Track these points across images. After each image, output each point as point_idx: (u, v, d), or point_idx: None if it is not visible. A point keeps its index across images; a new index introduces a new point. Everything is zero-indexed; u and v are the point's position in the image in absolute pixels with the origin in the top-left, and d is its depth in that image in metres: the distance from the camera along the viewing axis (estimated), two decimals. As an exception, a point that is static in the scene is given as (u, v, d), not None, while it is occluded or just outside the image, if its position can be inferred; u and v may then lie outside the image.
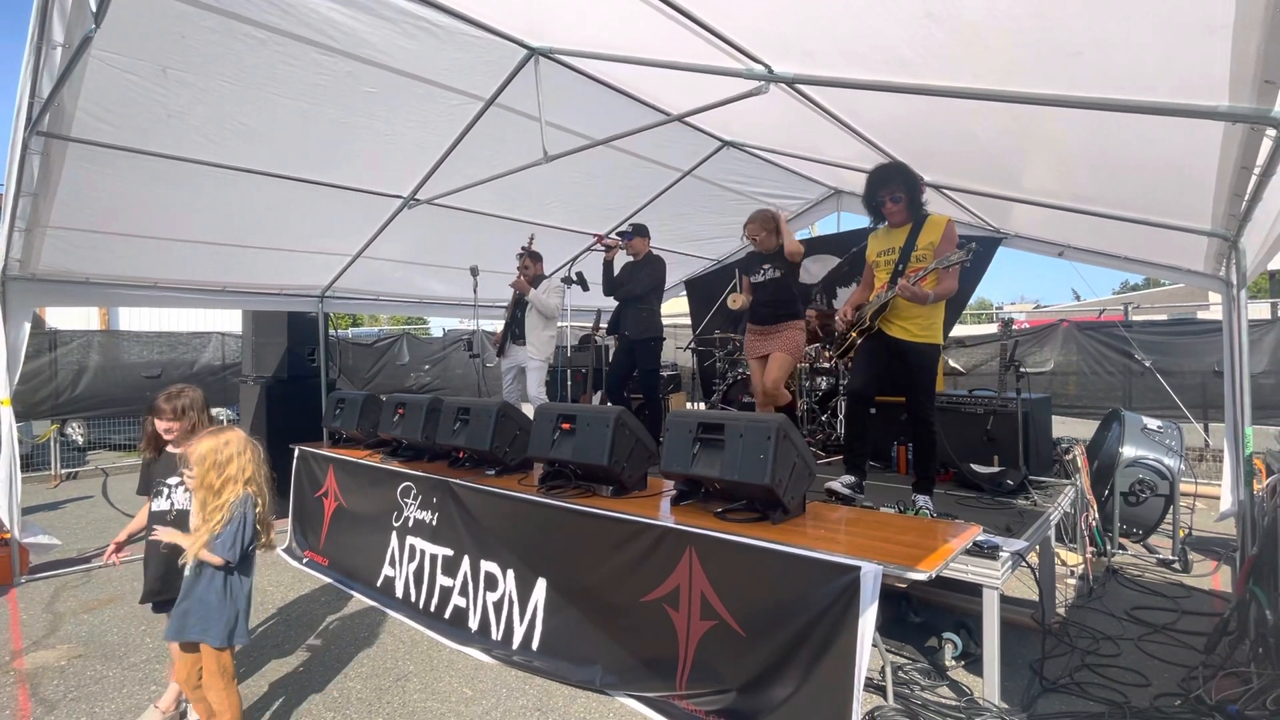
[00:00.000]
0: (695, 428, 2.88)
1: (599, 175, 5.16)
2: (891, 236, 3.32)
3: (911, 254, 3.20)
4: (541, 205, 5.44)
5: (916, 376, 3.21)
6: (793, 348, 4.07)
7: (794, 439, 2.74)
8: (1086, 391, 6.99)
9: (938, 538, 2.56)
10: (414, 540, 3.77)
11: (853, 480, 3.36)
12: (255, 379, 5.91)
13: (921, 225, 3.21)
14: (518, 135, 4.16)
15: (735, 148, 5.07)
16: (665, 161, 5.20)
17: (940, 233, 3.16)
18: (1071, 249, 4.93)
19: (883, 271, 3.33)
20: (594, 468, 3.20)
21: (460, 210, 5.09)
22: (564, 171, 4.79)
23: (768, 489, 2.65)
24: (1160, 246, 4.08)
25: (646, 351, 4.93)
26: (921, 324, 3.19)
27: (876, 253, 3.37)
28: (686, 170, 5.40)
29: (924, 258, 3.18)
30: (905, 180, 3.20)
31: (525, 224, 5.52)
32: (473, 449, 3.80)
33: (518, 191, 5.03)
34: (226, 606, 2.24)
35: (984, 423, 4.02)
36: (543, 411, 3.46)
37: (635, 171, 5.23)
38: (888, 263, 3.29)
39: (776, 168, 5.43)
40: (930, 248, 3.17)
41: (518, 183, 4.66)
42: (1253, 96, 1.97)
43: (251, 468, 2.29)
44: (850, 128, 3.71)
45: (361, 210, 4.79)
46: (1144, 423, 4.64)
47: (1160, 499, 4.40)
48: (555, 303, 5.10)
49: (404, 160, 4.35)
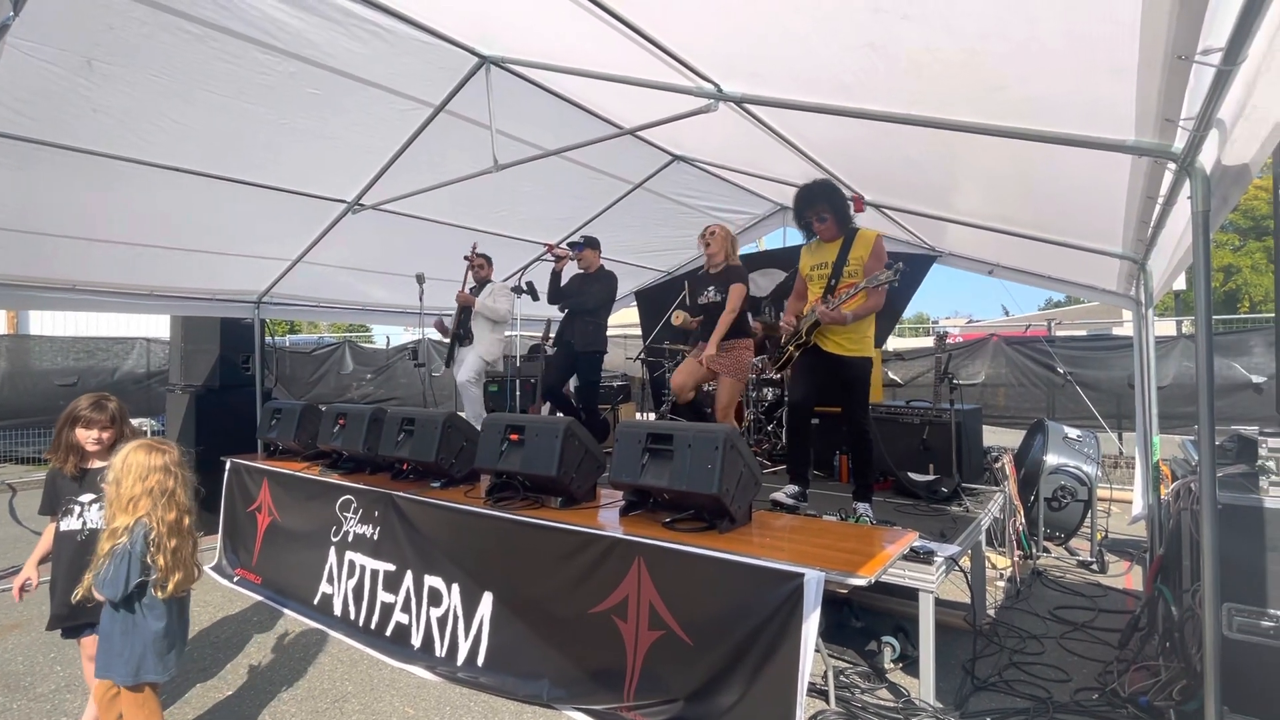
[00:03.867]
0: (644, 438, 2.90)
1: (550, 185, 5.16)
2: (823, 251, 3.42)
3: (843, 269, 3.30)
4: (491, 213, 5.40)
5: (851, 389, 3.33)
6: (739, 369, 4.11)
7: (741, 449, 2.79)
8: (1014, 402, 7.38)
9: (877, 544, 2.66)
10: (354, 556, 3.66)
11: (796, 490, 3.45)
12: (184, 387, 5.67)
13: (852, 240, 3.32)
14: (468, 143, 4.13)
15: (686, 162, 5.16)
16: (617, 173, 5.24)
17: (869, 248, 3.28)
18: (1001, 268, 5.21)
19: (816, 285, 3.43)
20: (543, 479, 3.18)
21: (407, 217, 5.01)
22: (515, 180, 4.76)
23: (715, 499, 2.69)
24: (1079, 267, 4.36)
25: (588, 364, 4.96)
26: (853, 338, 3.30)
27: (810, 266, 3.48)
28: (638, 183, 5.45)
29: (855, 272, 3.29)
30: (829, 200, 3.31)
31: (474, 232, 5.46)
32: (417, 461, 3.72)
33: (467, 199, 4.98)
34: (129, 643, 2.04)
35: (920, 432, 4.19)
36: (490, 422, 3.43)
37: (587, 182, 5.25)
38: (820, 276, 3.40)
39: (725, 183, 5.54)
40: (860, 262, 3.28)
41: (467, 190, 4.60)
42: (1155, 132, 2.15)
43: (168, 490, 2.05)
44: (796, 147, 3.83)
45: (302, 214, 4.65)
46: (1065, 432, 4.93)
47: (1080, 504, 4.67)
48: (505, 307, 5.05)
49: (348, 164, 4.26)
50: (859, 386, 3.33)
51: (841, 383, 3.35)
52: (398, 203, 4.60)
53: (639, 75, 3.04)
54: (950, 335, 9.48)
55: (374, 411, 4.14)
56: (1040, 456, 4.75)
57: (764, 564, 2.38)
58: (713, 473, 2.67)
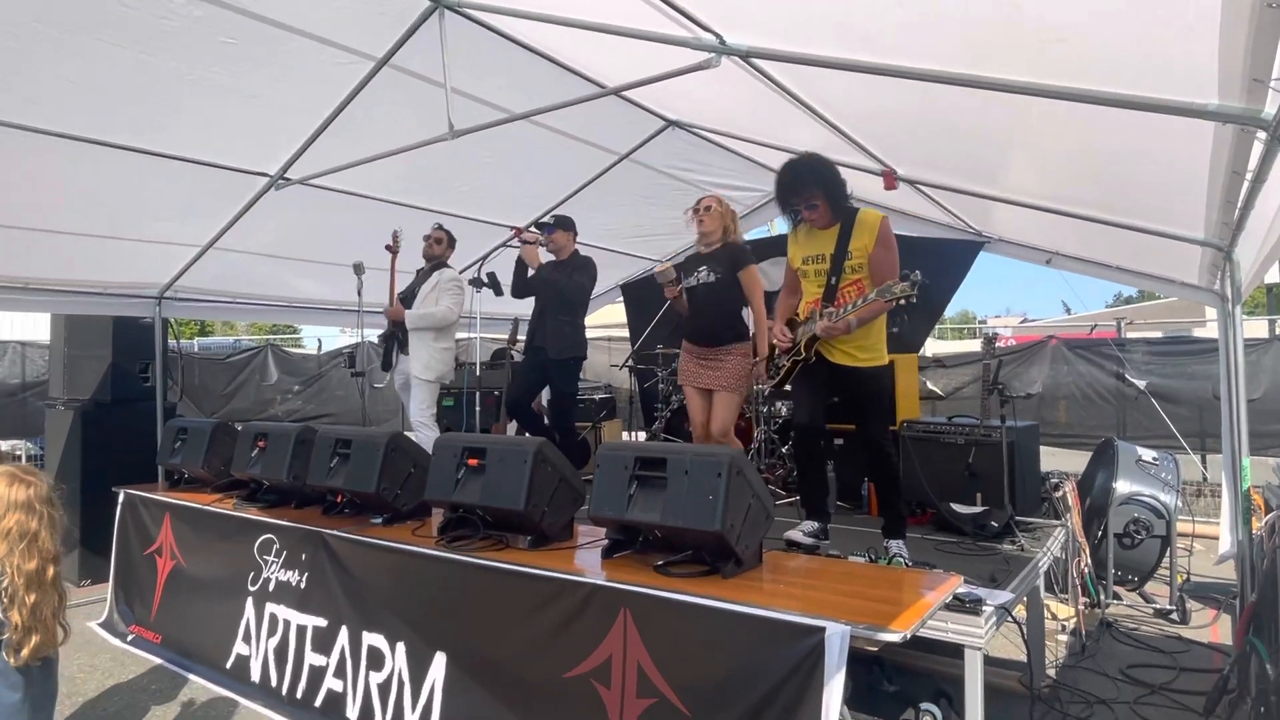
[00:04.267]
0: (632, 463, 2.89)
1: (518, 157, 5.15)
2: (817, 240, 3.38)
3: (844, 262, 3.27)
4: (446, 190, 5.39)
5: (867, 404, 3.34)
6: (739, 381, 4.07)
7: (749, 477, 2.79)
8: (1077, 418, 7.43)
9: (913, 591, 2.66)
10: (276, 608, 3.63)
11: (815, 526, 3.45)
12: (67, 402, 5.61)
13: (852, 225, 3.27)
14: (418, 104, 4.12)
15: (682, 129, 5.18)
16: (599, 142, 5.25)
17: (875, 235, 3.23)
18: (1060, 256, 5.26)
19: (812, 282, 3.40)
20: (508, 513, 3.17)
21: (343, 194, 4.99)
22: (475, 151, 4.75)
23: (718, 536, 2.68)
24: (1153, 256, 4.42)
25: (564, 373, 4.92)
26: (863, 345, 3.30)
27: (802, 258, 3.44)
28: (624, 153, 5.46)
29: (859, 266, 3.26)
30: (820, 180, 3.25)
31: (426, 213, 5.45)
32: (354, 491, 3.71)
33: (417, 173, 4.97)
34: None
35: (965, 455, 4.21)
36: (444, 444, 3.42)
37: (562, 153, 5.25)
38: (818, 273, 3.37)
39: (731, 154, 5.57)
40: (864, 253, 3.25)
41: (417, 163, 4.58)
42: (1241, 94, 2.17)
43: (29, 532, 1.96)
44: (815, 112, 3.86)
45: (215, 190, 4.62)
46: (1139, 454, 4.98)
47: (1156, 540, 4.71)
48: (447, 307, 4.96)
49: (272, 130, 4.23)
50: (877, 400, 3.34)
51: (855, 398, 3.36)
52: (332, 176, 4.59)
53: (625, 24, 3.05)
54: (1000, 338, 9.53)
55: (301, 431, 4.12)
56: (1109, 484, 4.79)
57: (777, 616, 2.38)
58: (715, 505, 2.67)
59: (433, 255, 5.19)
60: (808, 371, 3.40)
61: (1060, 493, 4.32)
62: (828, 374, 3.36)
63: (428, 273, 5.17)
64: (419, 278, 5.22)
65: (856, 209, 3.32)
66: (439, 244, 5.20)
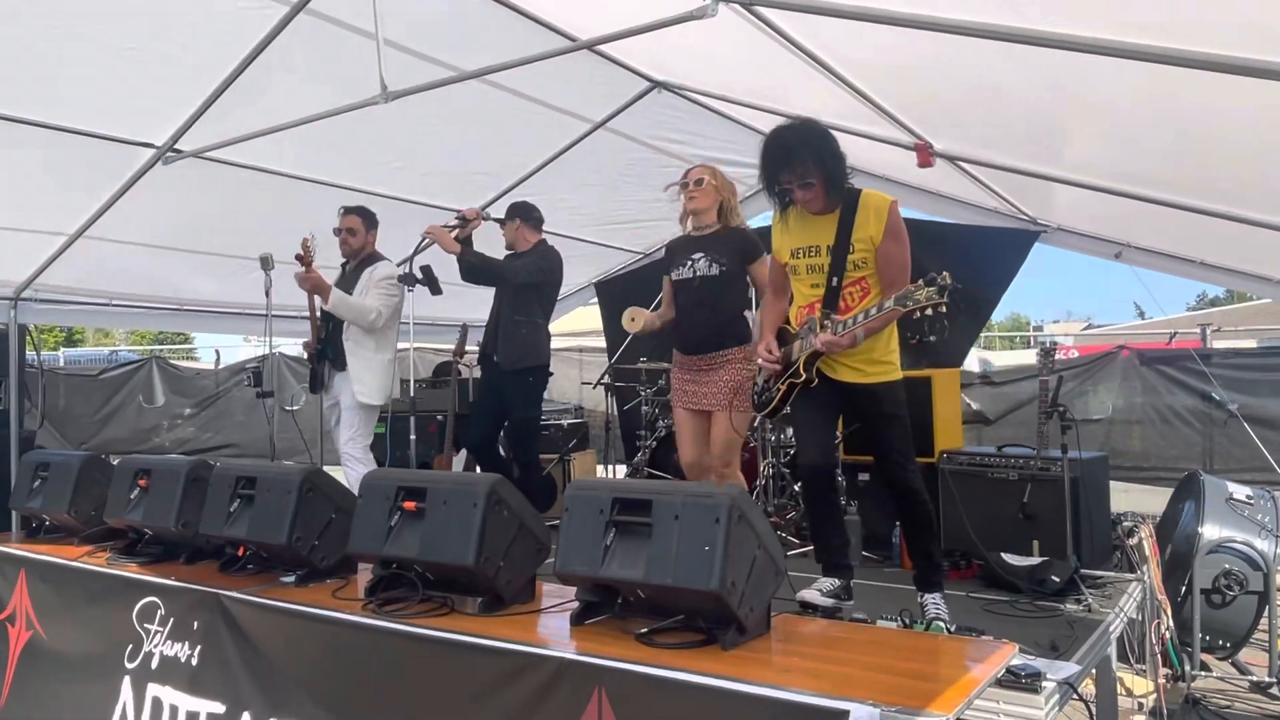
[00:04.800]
0: (609, 506, 2.87)
1: (468, 125, 5.16)
2: (811, 227, 3.33)
3: (846, 257, 3.22)
4: (378, 167, 5.39)
5: (883, 429, 3.33)
6: (741, 395, 3.98)
7: (754, 522, 2.78)
8: (1154, 446, 7.49)
9: (957, 663, 2.66)
10: (161, 690, 3.57)
11: (835, 585, 3.44)
12: (-106, 431, 5.50)
13: (854, 211, 3.22)
14: (342, 60, 4.12)
15: (671, 91, 5.21)
16: (568, 108, 5.27)
17: (884, 222, 3.19)
18: (1133, 249, 5.34)
19: (805, 281, 3.36)
20: (454, 569, 3.14)
21: (248, 169, 4.98)
22: (414, 118, 4.76)
23: (716, 598, 2.67)
24: (1246, 249, 4.50)
25: (522, 390, 4.89)
26: (870, 356, 3.29)
27: (791, 250, 3.39)
28: (599, 121, 5.49)
29: (864, 261, 3.22)
30: (816, 154, 3.18)
31: (351, 193, 5.45)
32: (260, 543, 3.67)
33: (341, 145, 4.96)
34: None
35: (1018, 493, 4.23)
36: (374, 484, 3.39)
37: (523, 121, 5.26)
38: (812, 268, 3.32)
39: (730, 122, 5.61)
40: (869, 245, 3.21)
41: (341, 132, 4.59)
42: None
43: None
44: (832, 72, 3.90)
45: (86, 164, 4.60)
46: (1230, 491, 5.02)
47: (1252, 597, 4.74)
48: (374, 309, 4.87)
49: (158, 91, 4.22)
50: (894, 424, 3.32)
51: (866, 422, 3.36)
52: (234, 148, 4.56)
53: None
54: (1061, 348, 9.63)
55: (194, 467, 4.07)
56: (1194, 528, 4.82)
57: (790, 696, 2.36)
58: (712, 558, 2.65)
59: (353, 250, 5.09)
60: (809, 397, 3.35)
61: (1135, 539, 4.34)
62: (835, 397, 3.34)
63: (355, 271, 5.10)
64: (343, 279, 5.16)
65: (858, 191, 3.27)
66: (354, 234, 5.04)
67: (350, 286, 5.02)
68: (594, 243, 7.21)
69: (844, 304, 3.25)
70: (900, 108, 4.19)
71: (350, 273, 5.15)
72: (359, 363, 4.91)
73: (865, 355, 3.28)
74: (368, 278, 4.98)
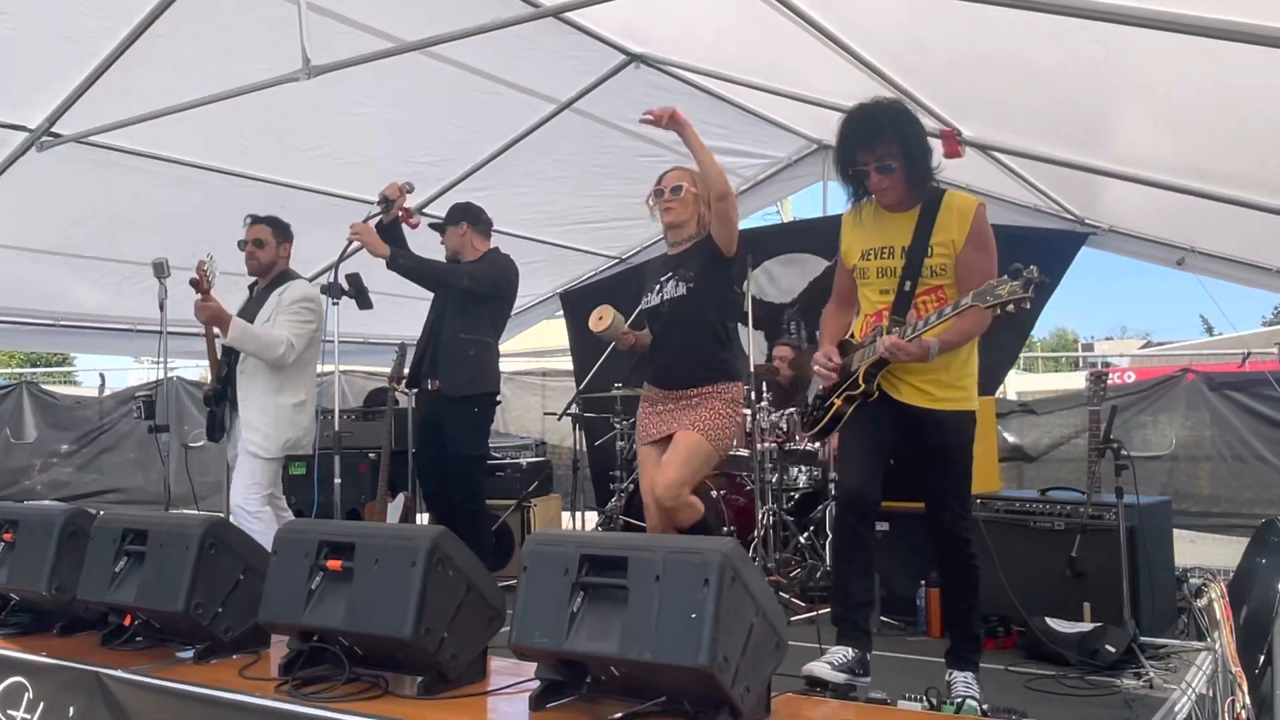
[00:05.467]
0: (576, 565, 2.85)
1: (408, 106, 5.17)
2: (886, 226, 3.43)
3: (923, 260, 3.32)
4: (299, 155, 5.38)
5: (944, 466, 3.37)
6: (713, 426, 3.97)
7: (750, 583, 2.76)
8: (1225, 489, 7.50)
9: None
10: (28, 793, 3.51)
11: (849, 656, 3.41)
12: None
13: (936, 211, 3.33)
14: (256, 28, 4.12)
15: (651, 66, 5.22)
16: (528, 85, 5.29)
17: (967, 225, 3.29)
18: (1197, 254, 5.39)
19: (874, 286, 3.45)
20: (388, 642, 3.10)
21: (140, 157, 4.97)
22: (343, 97, 4.76)
23: (705, 676, 2.65)
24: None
25: (464, 421, 4.86)
26: (943, 380, 3.34)
27: (862, 251, 3.48)
28: (565, 101, 5.50)
29: (943, 268, 3.31)
30: (901, 136, 3.29)
31: (267, 185, 5.44)
32: (152, 610, 3.60)
33: (255, 129, 4.95)
34: None
35: (1066, 546, 4.23)
36: (291, 538, 3.35)
37: (474, 101, 5.27)
38: (884, 271, 3.41)
39: (721, 103, 5.64)
40: (950, 250, 3.30)
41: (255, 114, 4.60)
42: None
43: None
44: (841, 45, 3.94)
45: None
46: (1316, 541, 5.06)
47: (1343, 669, 4.78)
48: (283, 340, 4.74)
49: (29, 63, 4.20)
50: (956, 462, 3.36)
51: (927, 456, 3.39)
52: (125, 132, 4.54)
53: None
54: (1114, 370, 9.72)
55: (71, 518, 4.00)
56: (1274, 585, 4.86)
57: (793, 795, 2.36)
58: (700, 629, 2.62)
59: (261, 266, 4.97)
60: (862, 414, 3.41)
61: (1204, 600, 4.36)
62: (892, 419, 3.38)
63: (263, 292, 4.98)
64: (250, 301, 5.03)
65: (943, 190, 3.38)
66: (262, 248, 4.92)
67: (256, 311, 4.92)
68: (559, 245, 7.22)
69: (917, 313, 3.31)
70: (923, 88, 4.23)
71: (258, 294, 5.02)
72: (253, 406, 4.81)
73: (936, 375, 3.32)
74: (276, 301, 4.87)
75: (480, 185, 5.87)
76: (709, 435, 3.95)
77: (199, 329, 5.08)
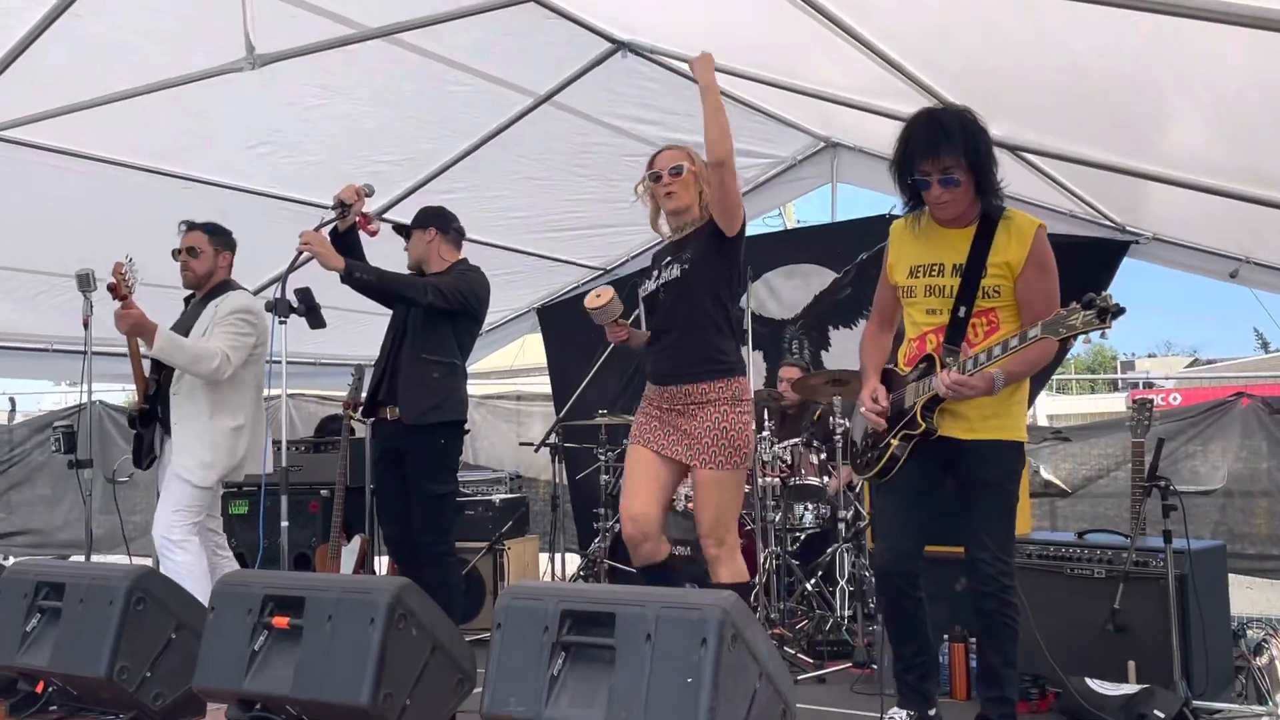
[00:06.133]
0: (556, 621, 2.82)
1: (367, 100, 5.17)
2: (939, 241, 3.46)
3: (979, 280, 3.35)
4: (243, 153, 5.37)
5: (980, 501, 3.38)
6: (725, 445, 3.91)
7: (753, 643, 2.72)
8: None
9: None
10: None
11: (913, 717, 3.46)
12: None
13: (994, 229, 3.38)
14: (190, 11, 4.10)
15: (639, 55, 5.21)
16: (502, 76, 5.27)
17: (1027, 246, 3.33)
18: (1251, 265, 5.38)
19: (921, 307, 3.48)
20: (342, 711, 3.05)
21: (59, 154, 4.96)
22: (294, 89, 4.76)
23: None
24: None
25: (429, 454, 4.81)
26: (988, 405, 3.36)
27: (911, 267, 3.52)
28: (544, 94, 5.49)
29: (998, 290, 3.34)
30: (971, 147, 3.32)
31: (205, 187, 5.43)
32: (70, 675, 3.57)
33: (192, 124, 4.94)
34: None
35: (1108, 597, 4.18)
36: (231, 591, 3.32)
37: (441, 93, 5.27)
38: (933, 290, 3.44)
39: (718, 98, 5.62)
40: (1008, 272, 3.34)
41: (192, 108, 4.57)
42: None
43: None
44: (851, 32, 3.92)
45: None
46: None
47: None
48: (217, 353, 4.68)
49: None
50: (996, 497, 3.37)
51: (963, 491, 3.40)
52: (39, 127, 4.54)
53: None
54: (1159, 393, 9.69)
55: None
56: (1342, 639, 4.82)
57: None
58: (696, 694, 2.57)
59: (196, 277, 4.93)
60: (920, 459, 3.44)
61: (1265, 658, 4.32)
62: (936, 458, 3.41)
63: (199, 305, 4.93)
64: (185, 315, 4.99)
65: (1003, 209, 3.42)
66: (197, 257, 4.87)
67: (191, 325, 4.87)
68: (536, 255, 7.21)
69: (971, 339, 3.35)
70: (944, 82, 4.21)
71: (193, 307, 4.98)
72: (187, 430, 4.74)
73: (979, 401, 3.32)
74: (213, 312, 4.83)
75: (448, 188, 5.84)
76: (726, 458, 3.91)
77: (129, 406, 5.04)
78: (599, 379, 7.20)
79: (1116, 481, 7.43)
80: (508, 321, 8.38)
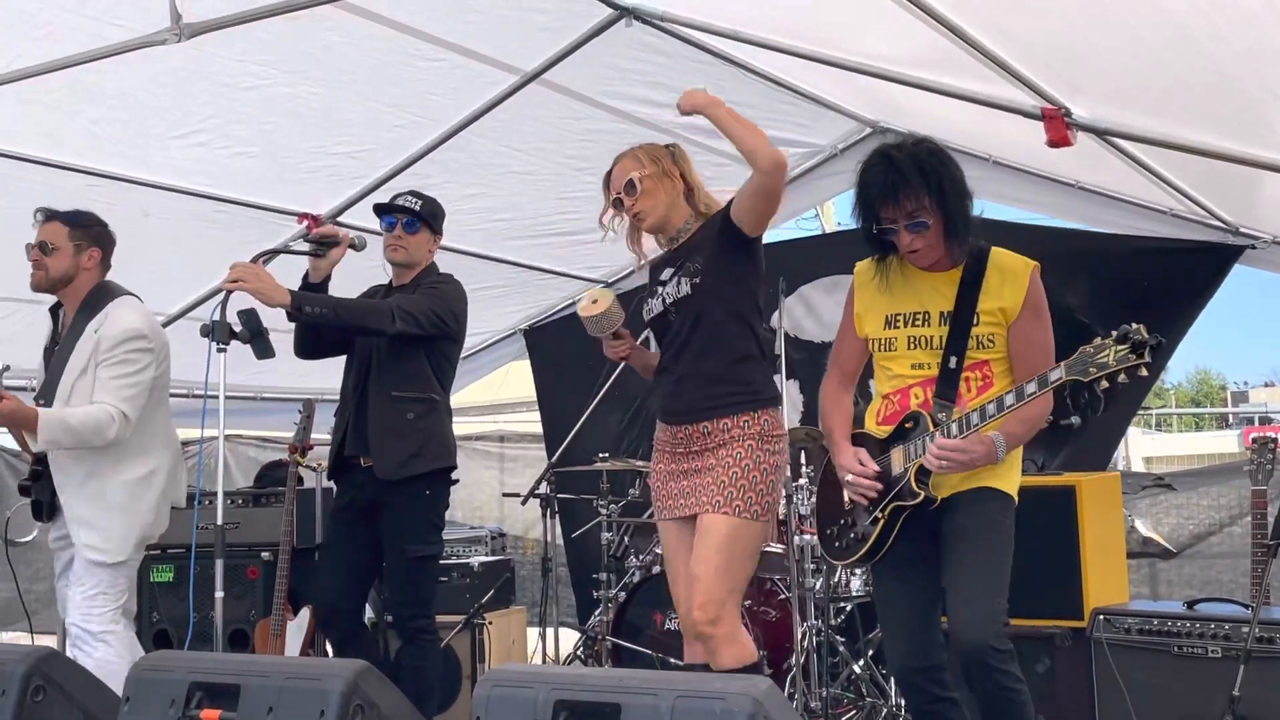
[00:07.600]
0: (539, 714, 2.82)
1: (318, 79, 5.22)
2: (919, 287, 3.57)
3: (969, 330, 3.48)
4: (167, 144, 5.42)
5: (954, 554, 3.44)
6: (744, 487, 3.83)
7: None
8: None
9: None
10: None
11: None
12: None
13: (983, 273, 3.51)
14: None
15: (647, 23, 5.23)
16: (485, 51, 5.32)
17: (1022, 291, 3.45)
18: (1396, 275, 5.41)
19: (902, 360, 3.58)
20: (286, 825, 3.06)
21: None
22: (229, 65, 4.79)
23: None
24: None
25: (412, 510, 4.86)
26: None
27: (886, 317, 3.62)
28: (534, 71, 5.53)
29: (991, 339, 3.45)
30: (934, 184, 3.41)
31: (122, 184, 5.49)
32: (-47, 783, 3.56)
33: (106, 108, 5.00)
34: None
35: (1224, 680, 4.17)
36: (150, 677, 3.32)
37: (408, 71, 5.32)
38: (917, 341, 3.54)
39: (743, 73, 5.69)
40: (1002, 320, 3.45)
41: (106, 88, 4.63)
42: None
43: None
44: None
45: None
46: None
47: None
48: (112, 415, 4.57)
49: None
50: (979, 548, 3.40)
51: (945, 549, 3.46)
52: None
53: None
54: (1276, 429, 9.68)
55: None
56: None
57: None
58: (721, 807, 2.60)
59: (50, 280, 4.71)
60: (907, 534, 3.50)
61: None
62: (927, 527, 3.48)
63: (76, 322, 4.73)
64: (61, 341, 4.79)
65: (987, 248, 3.54)
66: (52, 254, 4.63)
67: (69, 354, 4.70)
68: (523, 265, 7.28)
69: (963, 395, 3.44)
70: (1019, 55, 4.23)
71: (69, 327, 4.79)
72: (80, 496, 4.63)
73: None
74: (94, 340, 4.65)
75: (416, 184, 5.83)
76: (743, 504, 3.82)
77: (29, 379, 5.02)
78: (599, 415, 7.16)
79: (1232, 539, 7.40)
80: (489, 346, 8.44)
